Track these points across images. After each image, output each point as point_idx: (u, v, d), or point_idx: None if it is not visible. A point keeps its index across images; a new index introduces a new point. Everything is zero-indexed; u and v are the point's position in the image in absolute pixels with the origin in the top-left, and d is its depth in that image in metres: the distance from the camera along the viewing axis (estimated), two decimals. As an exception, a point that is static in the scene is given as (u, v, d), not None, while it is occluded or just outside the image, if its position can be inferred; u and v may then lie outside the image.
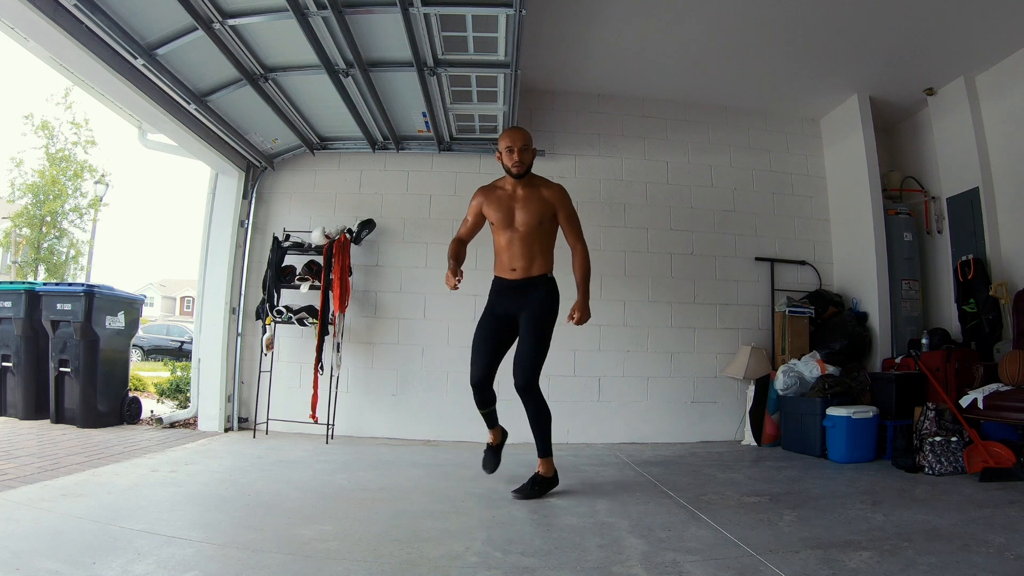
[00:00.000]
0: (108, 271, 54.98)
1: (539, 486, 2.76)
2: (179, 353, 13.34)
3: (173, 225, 66.59)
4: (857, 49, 4.14)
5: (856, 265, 4.74)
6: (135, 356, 12.41)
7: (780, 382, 4.21)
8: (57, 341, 4.31)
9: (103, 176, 15.27)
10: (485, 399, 2.89)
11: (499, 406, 2.98)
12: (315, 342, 4.19)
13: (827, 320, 4.56)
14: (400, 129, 4.45)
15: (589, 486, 3.01)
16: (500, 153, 2.82)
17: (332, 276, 4.19)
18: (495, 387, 2.92)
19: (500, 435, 3.03)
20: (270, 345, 4.28)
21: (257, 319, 4.36)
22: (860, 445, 3.70)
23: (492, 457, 2.98)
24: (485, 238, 4.64)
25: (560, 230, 2.93)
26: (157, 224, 65.43)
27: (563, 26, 3.95)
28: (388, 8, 2.99)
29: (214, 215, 4.58)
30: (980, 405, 3.35)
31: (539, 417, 2.79)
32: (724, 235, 4.83)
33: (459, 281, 2.79)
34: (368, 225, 4.47)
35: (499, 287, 2.92)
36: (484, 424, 4.22)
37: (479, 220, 2.95)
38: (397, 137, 4.52)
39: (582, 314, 2.80)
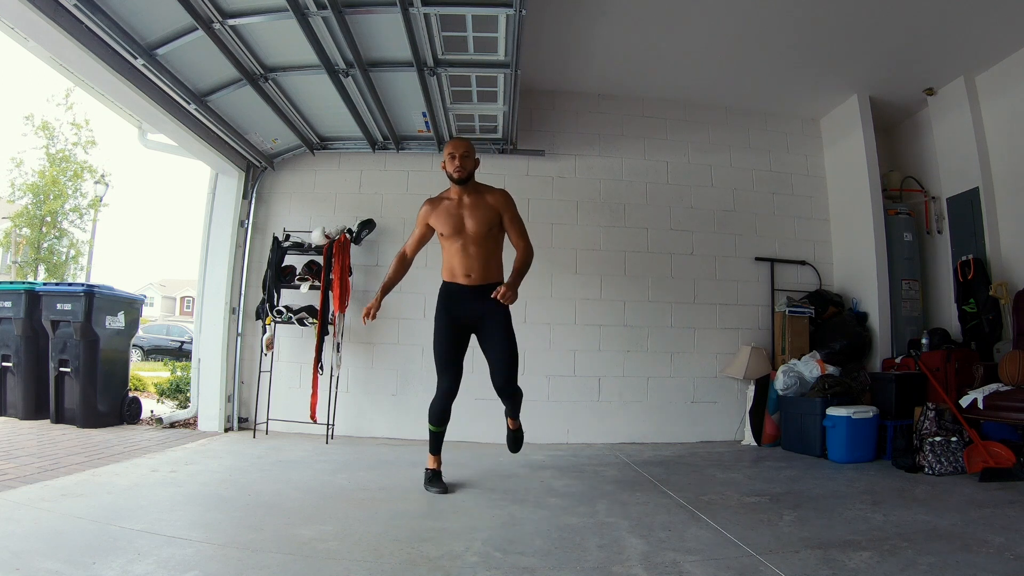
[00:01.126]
0: (108, 271, 55.01)
1: (518, 438, 3.08)
2: (179, 353, 13.34)
3: (173, 225, 66.65)
4: (857, 49, 4.14)
5: (856, 265, 4.74)
6: (135, 356, 12.41)
7: (780, 382, 4.21)
8: (57, 341, 4.31)
9: (103, 176, 15.23)
10: (447, 413, 2.93)
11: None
12: (315, 342, 4.19)
13: (827, 320, 4.56)
14: (400, 129, 4.45)
15: (589, 486, 3.00)
16: (444, 162, 2.88)
17: (332, 276, 4.19)
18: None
19: (439, 467, 2.95)
20: (270, 345, 4.28)
21: (257, 319, 4.36)
22: (860, 445, 3.70)
23: (442, 481, 2.86)
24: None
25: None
26: (157, 224, 65.47)
27: (563, 26, 3.95)
28: (388, 8, 2.99)
29: (214, 215, 4.58)
30: (980, 405, 3.35)
31: (518, 401, 3.00)
32: (724, 235, 4.83)
33: (372, 317, 2.91)
34: (368, 225, 4.47)
35: (454, 292, 2.92)
36: (485, 423, 4.27)
37: (427, 232, 2.98)
38: (397, 137, 4.52)
39: (508, 290, 2.72)
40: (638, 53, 4.30)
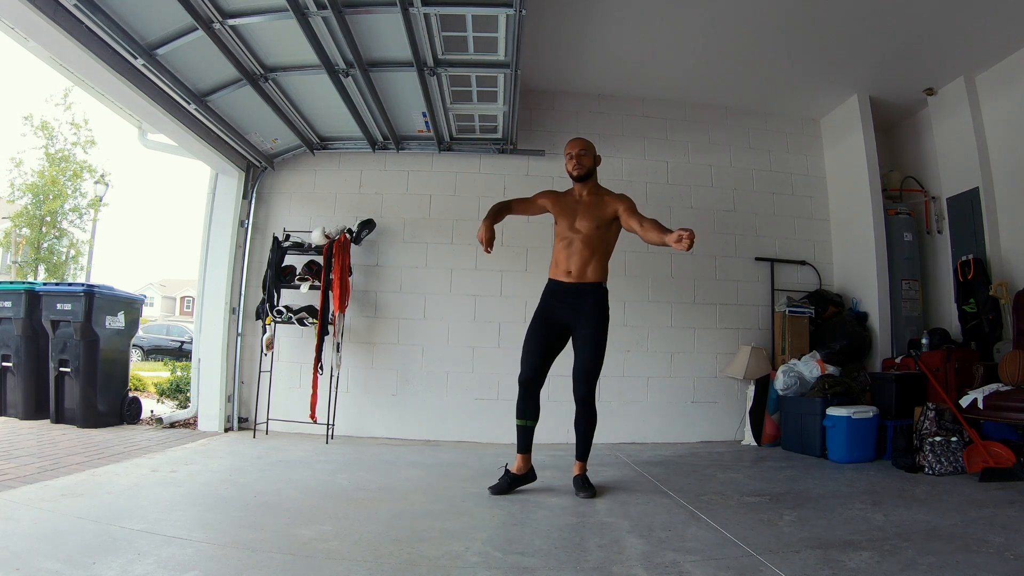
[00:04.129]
0: (108, 271, 55.11)
1: (588, 483, 2.80)
2: (179, 353, 13.33)
3: (173, 225, 66.73)
4: (857, 49, 4.14)
5: (856, 265, 4.74)
6: (135, 356, 12.41)
7: (780, 382, 4.21)
8: (57, 341, 4.31)
9: (103, 176, 15.24)
10: (528, 406, 2.87)
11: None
12: (315, 342, 4.18)
13: (827, 320, 4.56)
14: (400, 129, 4.45)
15: (589, 486, 3.00)
16: (566, 164, 2.97)
17: (332, 276, 4.19)
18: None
19: (526, 467, 2.87)
20: (270, 345, 4.27)
21: (257, 319, 4.36)
22: (860, 445, 3.70)
23: (507, 486, 2.79)
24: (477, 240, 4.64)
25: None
26: (157, 224, 65.57)
27: (563, 26, 3.95)
28: (388, 8, 2.99)
29: (214, 215, 4.58)
30: (980, 405, 3.35)
31: (590, 426, 2.89)
32: (724, 235, 4.83)
33: (489, 242, 2.72)
34: (368, 225, 4.47)
35: (552, 289, 2.94)
36: (485, 423, 4.27)
37: (535, 206, 3.01)
38: (397, 137, 4.52)
39: (685, 233, 2.40)
40: (638, 53, 4.30)
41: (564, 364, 4.46)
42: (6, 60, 48.94)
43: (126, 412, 4.51)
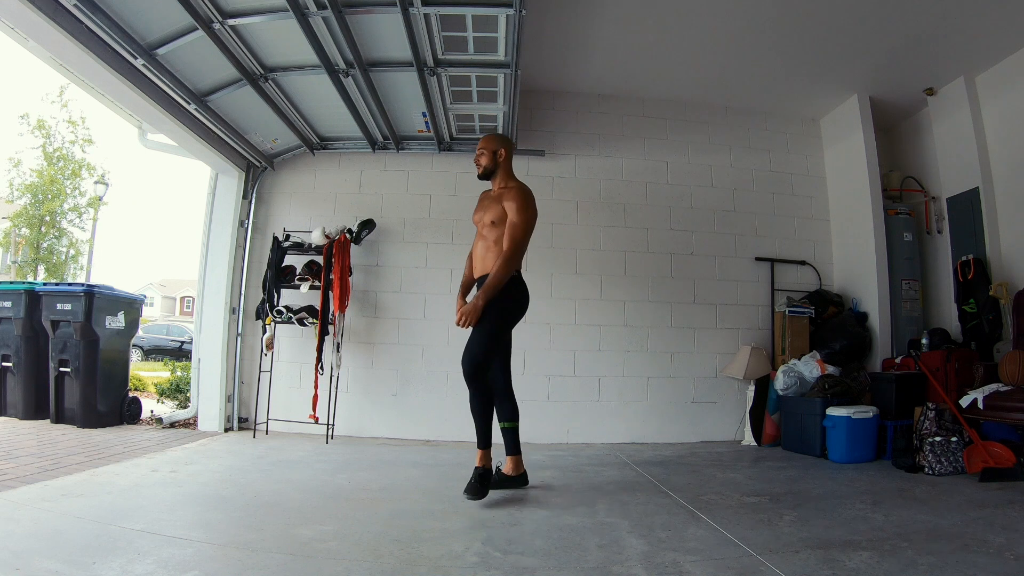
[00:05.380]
0: (108, 271, 55.16)
1: (481, 482, 2.65)
2: (179, 353, 13.34)
3: (173, 225, 66.76)
4: (857, 49, 4.14)
5: (856, 265, 4.74)
6: (135, 356, 12.41)
7: (780, 382, 4.21)
8: (57, 341, 4.31)
9: (103, 175, 15.23)
10: (502, 407, 2.92)
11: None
12: (315, 342, 4.18)
13: (827, 320, 4.56)
14: (400, 129, 4.45)
15: (589, 486, 3.00)
16: None
17: (332, 276, 4.19)
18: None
19: (517, 471, 2.90)
20: (270, 345, 4.28)
21: (257, 319, 4.36)
22: (860, 445, 3.70)
23: (494, 484, 2.77)
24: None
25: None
26: (157, 224, 65.62)
27: (563, 26, 3.95)
28: (388, 8, 2.99)
29: (214, 215, 4.58)
30: (980, 405, 3.35)
31: (482, 407, 2.77)
32: (724, 235, 4.83)
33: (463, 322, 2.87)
34: (368, 225, 4.47)
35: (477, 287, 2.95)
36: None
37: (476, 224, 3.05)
38: (397, 137, 4.52)
39: (461, 312, 2.66)
40: (638, 53, 4.30)
41: (560, 363, 4.50)
42: (5, 60, 48.96)
43: (126, 412, 4.51)
